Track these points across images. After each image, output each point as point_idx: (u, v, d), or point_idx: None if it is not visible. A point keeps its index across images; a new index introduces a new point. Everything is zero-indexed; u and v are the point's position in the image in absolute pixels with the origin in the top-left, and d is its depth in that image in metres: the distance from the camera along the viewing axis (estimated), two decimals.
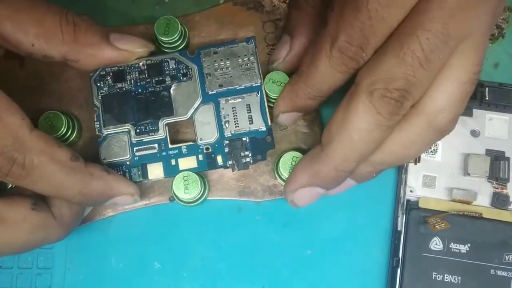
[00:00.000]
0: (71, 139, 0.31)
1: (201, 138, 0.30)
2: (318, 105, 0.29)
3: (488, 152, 0.31)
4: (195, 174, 0.29)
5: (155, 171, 0.30)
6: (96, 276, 0.31)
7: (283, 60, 0.30)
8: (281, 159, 0.30)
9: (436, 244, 0.30)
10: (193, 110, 0.30)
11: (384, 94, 0.23)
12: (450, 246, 0.30)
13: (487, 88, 0.32)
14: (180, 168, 0.30)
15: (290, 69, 0.30)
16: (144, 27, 0.33)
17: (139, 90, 0.30)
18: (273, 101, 0.30)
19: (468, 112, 0.31)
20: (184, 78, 0.30)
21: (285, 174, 0.29)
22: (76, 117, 0.32)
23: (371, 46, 0.24)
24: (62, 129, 0.30)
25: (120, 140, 0.30)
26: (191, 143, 0.30)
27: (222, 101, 0.30)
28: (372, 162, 0.27)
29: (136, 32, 0.32)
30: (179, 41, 0.31)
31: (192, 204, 0.30)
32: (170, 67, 0.30)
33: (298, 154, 0.30)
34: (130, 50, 0.29)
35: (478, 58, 0.24)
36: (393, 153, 0.26)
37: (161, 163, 0.30)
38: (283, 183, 0.30)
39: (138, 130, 0.30)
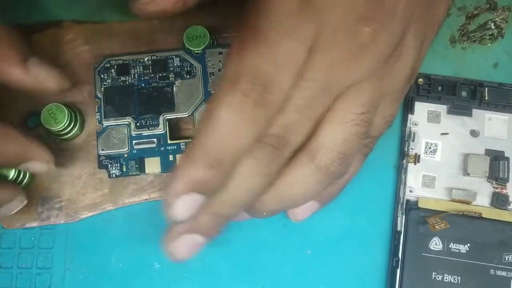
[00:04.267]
0: (74, 131, 0.31)
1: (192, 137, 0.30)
2: (224, 182, 0.23)
3: (488, 152, 0.31)
4: None
5: (153, 165, 0.30)
6: (96, 276, 0.31)
7: (145, 3, 0.28)
8: None
9: (435, 244, 0.30)
10: (194, 107, 0.30)
11: (264, 142, 0.23)
12: (450, 246, 0.30)
13: (486, 88, 0.32)
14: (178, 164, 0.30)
15: (144, 16, 0.29)
16: (149, 23, 0.33)
17: (143, 85, 0.30)
18: None
19: (467, 112, 0.31)
20: (188, 76, 0.30)
21: None
22: (79, 110, 0.32)
23: (277, 88, 0.22)
24: (65, 121, 0.30)
25: (119, 132, 0.30)
26: (190, 140, 0.30)
27: None
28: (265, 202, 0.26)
29: (139, 29, 0.32)
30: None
31: None
32: (175, 64, 0.31)
33: None
34: (39, 79, 0.28)
35: (364, 99, 0.24)
36: (280, 193, 0.25)
37: (159, 158, 0.30)
38: None
39: (138, 124, 0.30)
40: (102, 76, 0.31)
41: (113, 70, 0.31)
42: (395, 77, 0.25)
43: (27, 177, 0.31)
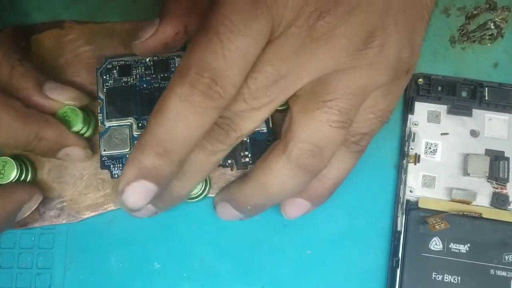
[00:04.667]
0: (88, 133, 0.31)
1: None
2: (176, 171, 0.24)
3: (488, 152, 0.31)
4: None
5: None
6: (96, 276, 0.31)
7: (145, 40, 0.28)
8: None
9: (435, 244, 0.30)
10: None
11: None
12: (450, 246, 0.30)
13: (486, 88, 0.32)
14: None
15: (147, 52, 0.29)
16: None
17: (144, 85, 0.30)
18: None
19: (467, 112, 0.31)
20: None
21: None
22: (93, 112, 0.32)
23: (227, 80, 0.22)
24: (80, 124, 0.30)
25: (121, 133, 0.30)
26: None
27: None
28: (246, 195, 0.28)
29: (139, 30, 0.32)
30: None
31: (193, 200, 0.30)
32: (176, 65, 0.31)
33: None
34: (60, 101, 0.29)
35: (329, 88, 0.25)
36: (258, 185, 0.27)
37: None
38: None
39: (140, 124, 0.30)
40: (104, 77, 0.31)
41: (115, 71, 0.31)
42: (377, 70, 0.25)
43: (29, 177, 0.31)
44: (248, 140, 0.30)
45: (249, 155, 0.30)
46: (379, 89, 0.26)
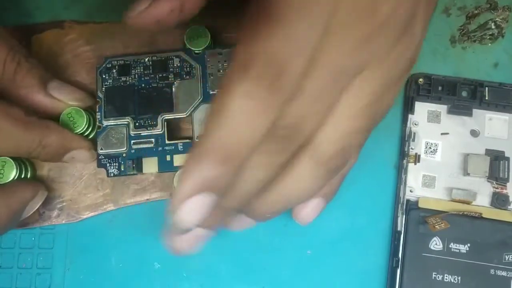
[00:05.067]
0: (92, 135, 0.31)
1: (198, 137, 0.30)
2: (234, 178, 0.21)
3: (488, 152, 0.31)
4: None
5: (150, 165, 0.30)
6: (96, 276, 0.31)
7: (137, 13, 0.27)
8: None
9: (435, 244, 0.30)
10: (193, 108, 0.30)
11: (275, 133, 0.21)
12: (450, 246, 0.30)
13: (486, 88, 0.32)
14: (175, 164, 0.30)
15: (138, 27, 0.27)
16: None
17: (143, 85, 0.30)
18: None
19: (467, 112, 0.31)
20: (187, 76, 0.31)
21: None
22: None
23: (290, 74, 0.20)
24: (84, 125, 0.30)
25: (118, 132, 0.30)
26: (188, 140, 0.30)
27: None
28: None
29: (139, 30, 0.32)
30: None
31: None
32: (175, 65, 0.31)
33: None
34: (64, 101, 0.29)
35: (369, 90, 0.23)
36: (283, 191, 0.24)
37: (156, 158, 0.30)
38: None
39: (137, 124, 0.30)
40: (104, 76, 0.31)
41: (114, 71, 0.31)
42: (404, 59, 0.24)
43: (28, 177, 0.31)
44: None
45: None
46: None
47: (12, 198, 0.29)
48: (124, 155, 0.30)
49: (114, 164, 0.30)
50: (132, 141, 0.30)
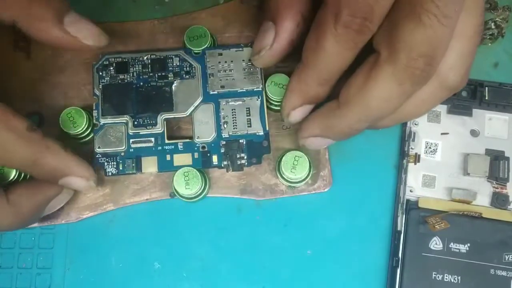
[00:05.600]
0: (91, 135, 0.31)
1: (198, 136, 0.30)
2: (329, 92, 0.27)
3: (488, 151, 0.31)
4: (195, 170, 0.29)
5: (149, 164, 0.30)
6: (96, 276, 0.31)
7: (270, 48, 0.28)
8: (283, 158, 0.30)
9: (435, 244, 0.30)
10: (193, 108, 0.30)
11: (408, 64, 0.23)
12: (450, 246, 0.30)
13: (486, 88, 0.32)
14: (175, 164, 0.30)
15: (277, 58, 0.29)
16: (150, 23, 0.33)
17: (141, 83, 0.30)
18: (275, 103, 0.30)
19: (467, 112, 0.31)
20: (187, 76, 0.31)
21: (286, 173, 0.29)
22: None
23: (376, 15, 0.23)
24: (84, 125, 0.30)
25: (117, 130, 0.30)
26: (187, 140, 0.30)
27: (223, 102, 0.30)
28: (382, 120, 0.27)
29: (140, 29, 0.32)
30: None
31: (192, 200, 0.30)
32: (174, 64, 0.31)
33: (300, 153, 0.30)
34: (78, 38, 0.28)
35: (480, 9, 0.25)
36: (404, 113, 0.26)
37: (156, 157, 0.30)
38: (284, 182, 0.31)
39: (136, 123, 0.30)
40: (101, 73, 0.31)
41: (111, 68, 0.31)
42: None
43: (28, 177, 0.31)
44: (244, 142, 0.30)
45: (245, 157, 0.30)
46: None
47: (36, 193, 0.28)
48: (122, 154, 0.30)
49: (112, 163, 0.30)
50: (131, 140, 0.30)
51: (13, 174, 0.29)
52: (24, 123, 0.26)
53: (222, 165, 0.30)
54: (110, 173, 0.30)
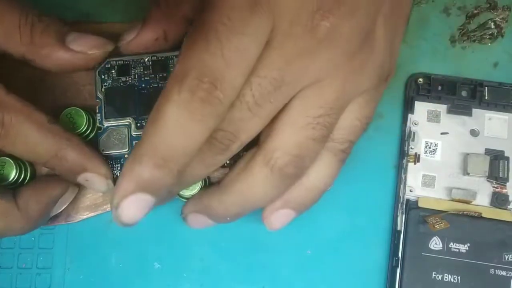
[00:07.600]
0: (91, 136, 0.31)
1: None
2: (174, 182, 0.22)
3: (488, 151, 0.31)
4: None
5: None
6: (96, 276, 0.31)
7: (127, 42, 0.29)
8: None
9: (435, 243, 0.30)
10: None
11: (213, 136, 0.24)
12: (450, 246, 0.30)
13: (486, 88, 0.32)
14: None
15: (131, 53, 0.30)
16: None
17: (143, 85, 0.30)
18: None
19: (467, 111, 0.31)
20: None
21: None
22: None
23: (228, 84, 0.21)
24: (83, 126, 0.30)
25: (120, 133, 0.30)
26: None
27: None
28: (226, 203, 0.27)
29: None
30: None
31: None
32: (175, 65, 0.31)
33: None
34: (84, 51, 0.28)
35: (322, 101, 0.24)
36: (239, 194, 0.26)
37: None
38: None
39: (138, 124, 0.30)
40: (103, 76, 0.31)
41: (113, 71, 0.31)
42: (366, 75, 0.25)
43: (28, 178, 0.30)
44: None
45: None
46: (361, 95, 0.25)
47: (42, 194, 0.28)
48: (126, 156, 0.30)
49: (117, 165, 0.30)
50: (134, 142, 0.30)
51: (13, 174, 0.29)
52: (45, 116, 0.26)
53: (225, 165, 0.30)
54: (114, 176, 0.30)
